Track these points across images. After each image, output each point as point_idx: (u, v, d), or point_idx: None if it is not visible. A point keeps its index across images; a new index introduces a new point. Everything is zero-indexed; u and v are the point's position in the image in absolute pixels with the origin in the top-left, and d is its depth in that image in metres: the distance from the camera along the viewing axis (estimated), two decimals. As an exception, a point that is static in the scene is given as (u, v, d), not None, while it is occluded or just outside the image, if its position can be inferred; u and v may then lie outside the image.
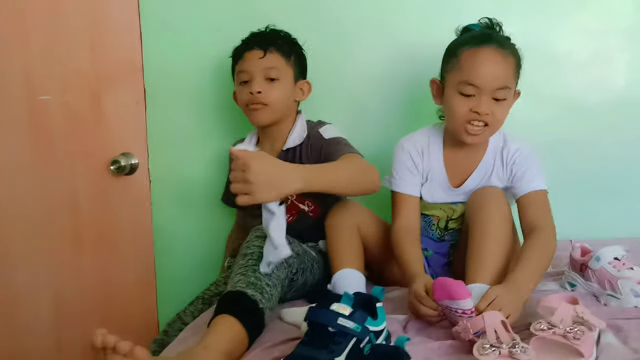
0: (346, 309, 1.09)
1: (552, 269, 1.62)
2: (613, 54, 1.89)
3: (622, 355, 1.10)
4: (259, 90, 1.60)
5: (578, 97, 1.89)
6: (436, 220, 1.58)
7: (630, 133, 1.90)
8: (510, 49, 1.47)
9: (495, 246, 1.34)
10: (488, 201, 1.41)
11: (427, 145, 1.58)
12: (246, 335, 1.18)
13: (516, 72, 1.48)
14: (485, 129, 1.46)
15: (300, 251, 1.47)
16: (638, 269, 1.38)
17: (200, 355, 1.09)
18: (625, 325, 1.22)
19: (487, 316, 1.10)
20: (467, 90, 1.44)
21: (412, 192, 1.57)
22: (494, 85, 1.43)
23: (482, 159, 1.55)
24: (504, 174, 1.53)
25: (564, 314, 1.13)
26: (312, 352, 1.03)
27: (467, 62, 1.45)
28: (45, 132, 1.85)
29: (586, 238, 1.60)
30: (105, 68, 1.85)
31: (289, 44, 1.68)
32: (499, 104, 1.44)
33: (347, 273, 1.47)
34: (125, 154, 1.88)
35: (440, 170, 1.57)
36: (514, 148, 1.53)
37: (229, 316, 1.18)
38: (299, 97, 1.69)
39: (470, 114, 1.45)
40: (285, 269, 1.35)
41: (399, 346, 0.89)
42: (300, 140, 1.64)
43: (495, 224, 1.36)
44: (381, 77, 1.87)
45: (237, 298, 1.21)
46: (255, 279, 1.25)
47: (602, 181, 1.90)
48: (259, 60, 1.62)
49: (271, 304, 1.26)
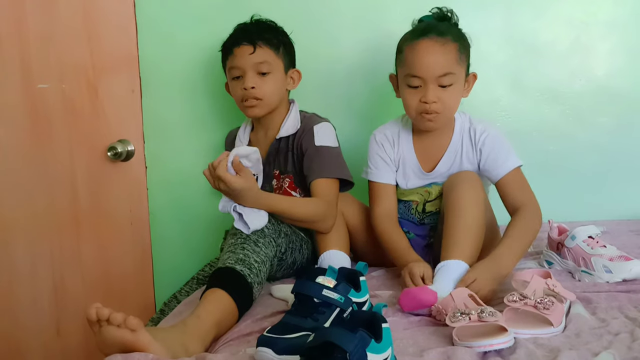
0: (330, 282, 1.16)
1: (532, 249, 1.69)
2: (594, 44, 1.95)
3: (590, 324, 1.16)
4: (252, 86, 1.63)
5: (560, 85, 1.95)
6: (415, 205, 1.65)
7: (610, 121, 1.96)
8: (451, 35, 1.51)
9: (467, 224, 1.40)
10: (460, 183, 1.48)
11: (397, 134, 1.65)
12: (235, 307, 1.25)
13: (460, 57, 1.52)
14: (438, 115, 1.52)
15: (289, 231, 1.54)
16: (611, 247, 1.45)
17: (192, 325, 1.16)
18: (595, 297, 1.29)
19: (454, 294, 1.18)
20: (413, 82, 1.51)
21: (388, 181, 1.64)
22: (436, 73, 1.48)
23: (450, 142, 1.61)
24: (474, 155, 1.58)
25: (535, 286, 1.20)
26: (297, 321, 1.10)
27: (408, 56, 1.52)
28: (43, 119, 1.91)
29: (565, 221, 1.66)
30: (101, 58, 1.91)
31: (277, 35, 1.70)
32: (447, 90, 1.50)
33: (333, 254, 1.55)
34: (121, 141, 1.94)
35: (411, 157, 1.63)
36: (481, 129, 1.58)
37: (219, 290, 1.25)
38: (290, 86, 1.74)
39: (420, 105, 1.51)
40: (273, 247, 1.43)
41: (375, 312, 0.95)
42: (293, 130, 1.68)
43: (467, 204, 1.43)
44: (366, 67, 1.92)
45: (226, 273, 1.29)
46: (243, 256, 1.33)
47: (582, 167, 1.97)
48: (250, 56, 1.64)
49: (259, 279, 1.33)
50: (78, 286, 1.96)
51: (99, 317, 1.02)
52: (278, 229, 1.47)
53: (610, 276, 1.39)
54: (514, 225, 1.45)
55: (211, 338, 1.18)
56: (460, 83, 1.54)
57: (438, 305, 1.20)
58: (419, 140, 1.64)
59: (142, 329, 1.03)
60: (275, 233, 1.45)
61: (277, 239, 1.45)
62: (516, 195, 1.51)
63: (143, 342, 1.02)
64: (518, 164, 1.55)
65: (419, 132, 1.64)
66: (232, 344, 1.17)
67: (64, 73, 1.90)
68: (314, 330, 0.94)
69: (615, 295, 1.30)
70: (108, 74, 1.92)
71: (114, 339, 1.02)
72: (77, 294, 1.96)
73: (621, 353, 1.02)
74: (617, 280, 1.38)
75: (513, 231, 1.43)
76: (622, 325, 1.15)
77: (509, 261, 1.38)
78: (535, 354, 1.03)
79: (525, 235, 1.44)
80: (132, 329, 1.02)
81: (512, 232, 1.43)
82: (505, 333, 1.05)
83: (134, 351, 1.00)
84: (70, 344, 1.96)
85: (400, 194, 1.66)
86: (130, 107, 1.95)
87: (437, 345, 1.08)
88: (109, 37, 1.91)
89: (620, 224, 1.88)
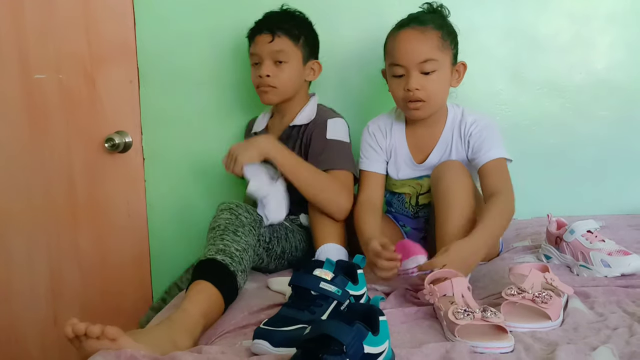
0: (328, 274, 1.16)
1: (530, 243, 1.69)
2: (595, 38, 1.94)
3: (587, 318, 1.16)
4: (267, 74, 1.67)
5: (560, 79, 1.94)
6: (408, 198, 1.65)
7: (610, 114, 1.95)
8: (433, 23, 1.52)
9: (457, 214, 1.39)
10: (447, 173, 1.47)
11: (390, 125, 1.66)
12: (221, 297, 1.26)
13: (443, 44, 1.51)
14: (424, 104, 1.52)
15: None
16: (609, 241, 1.45)
17: (178, 319, 1.16)
18: (593, 292, 1.29)
19: (455, 282, 1.16)
20: (396, 71, 1.53)
21: (377, 170, 1.64)
22: (416, 59, 1.49)
23: (441, 134, 1.61)
24: (462, 148, 1.58)
25: (534, 280, 1.19)
26: (294, 313, 1.09)
27: (391, 47, 1.55)
28: (40, 110, 1.90)
29: (564, 215, 1.66)
30: (99, 48, 1.90)
31: (299, 26, 1.72)
32: (430, 78, 1.50)
33: (330, 247, 1.54)
34: (119, 132, 1.93)
35: (403, 148, 1.64)
36: (470, 121, 1.58)
37: (202, 281, 1.26)
38: (310, 77, 1.76)
39: (405, 94, 1.52)
40: (254, 235, 1.43)
41: (373, 304, 0.95)
42: (307, 121, 1.71)
43: (455, 193, 1.42)
44: (365, 56, 1.90)
45: (208, 265, 1.30)
46: (223, 246, 1.34)
47: (581, 161, 1.96)
48: (268, 45, 1.68)
49: (242, 267, 1.33)
50: (75, 277, 1.96)
51: (76, 333, 1.01)
52: (258, 219, 1.47)
53: (608, 270, 1.38)
54: (487, 210, 1.40)
55: (200, 330, 1.18)
56: (445, 71, 1.53)
57: (434, 287, 1.18)
58: (411, 131, 1.65)
59: (122, 336, 1.02)
60: (254, 222, 1.44)
61: (257, 228, 1.45)
62: (493, 183, 1.48)
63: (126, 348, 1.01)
64: (503, 156, 1.53)
65: (412, 123, 1.64)
66: (229, 337, 1.17)
67: (61, 63, 1.88)
68: (311, 323, 0.94)
69: (613, 290, 1.30)
70: (106, 65, 1.91)
71: (94, 349, 1.01)
72: (74, 285, 1.96)
73: (619, 347, 1.01)
74: (616, 275, 1.37)
75: (486, 217, 1.37)
76: (621, 320, 1.14)
77: (480, 247, 1.33)
78: (533, 347, 1.02)
79: (497, 221, 1.39)
80: (112, 339, 1.01)
81: (485, 218, 1.37)
82: (505, 335, 1.05)
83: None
84: (67, 334, 1.96)
85: (392, 186, 1.66)
86: (128, 98, 1.94)
87: (434, 339, 1.08)
88: (107, 27, 1.90)
89: (619, 218, 1.88)
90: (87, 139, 1.92)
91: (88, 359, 0.97)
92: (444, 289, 1.16)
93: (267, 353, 1.02)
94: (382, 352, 0.88)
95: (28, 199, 1.92)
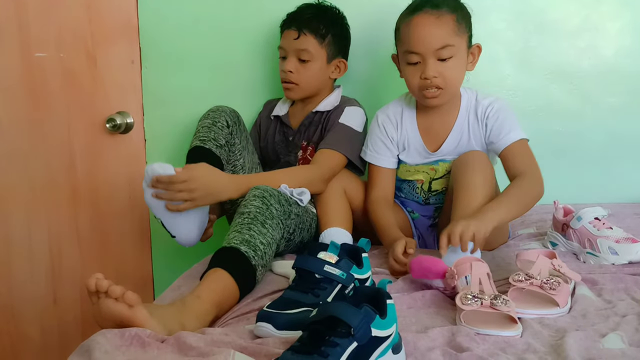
0: (332, 257, 1.14)
1: (536, 230, 1.67)
2: (604, 23, 1.91)
3: (595, 305, 1.15)
4: (290, 70, 1.69)
5: (568, 64, 1.91)
6: (420, 184, 1.62)
7: (618, 101, 1.92)
8: (446, 7, 1.47)
9: (477, 205, 1.36)
10: (471, 164, 1.44)
11: (400, 114, 1.62)
12: (237, 289, 1.22)
13: (459, 28, 1.47)
14: (441, 91, 1.49)
15: (300, 211, 1.50)
16: (617, 228, 1.43)
17: (192, 304, 1.13)
18: (601, 279, 1.27)
19: (474, 265, 1.14)
20: (412, 59, 1.48)
21: (387, 165, 1.62)
22: (432, 46, 1.45)
23: (455, 120, 1.57)
24: (480, 131, 1.55)
25: (541, 266, 1.18)
26: (298, 296, 1.08)
27: (404, 33, 1.50)
28: (41, 89, 1.87)
29: (570, 202, 1.64)
30: (100, 27, 1.87)
31: (328, 24, 1.70)
32: (447, 64, 1.46)
33: (335, 231, 1.52)
34: (120, 113, 1.90)
35: (416, 137, 1.60)
36: (486, 104, 1.55)
37: (221, 270, 1.22)
38: (334, 74, 1.76)
39: (422, 82, 1.48)
40: (281, 229, 1.38)
41: (380, 287, 0.93)
42: (330, 107, 1.73)
43: (478, 185, 1.39)
44: (370, 40, 1.88)
45: (230, 254, 1.25)
46: (249, 237, 1.28)
47: (588, 148, 1.94)
48: (294, 41, 1.69)
49: (264, 261, 1.29)
50: (75, 258, 1.94)
51: (98, 289, 1.00)
52: (288, 211, 1.42)
53: (616, 258, 1.37)
54: (512, 186, 1.40)
55: (210, 319, 1.15)
56: (462, 55, 1.49)
57: (453, 268, 1.17)
58: (423, 119, 1.61)
59: (139, 304, 1.01)
60: (284, 215, 1.39)
61: (285, 221, 1.40)
62: (518, 165, 1.46)
63: (139, 318, 1.00)
64: (522, 137, 1.51)
65: (423, 110, 1.60)
66: (231, 322, 1.16)
67: (62, 41, 1.85)
68: (315, 306, 0.92)
69: (621, 277, 1.28)
70: (107, 44, 1.88)
71: (111, 312, 1.00)
72: (74, 266, 1.94)
73: (629, 335, 1.00)
74: (623, 263, 1.36)
75: (507, 191, 1.38)
76: (629, 307, 1.13)
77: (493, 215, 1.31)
78: (542, 334, 1.01)
79: (520, 198, 1.38)
80: (130, 304, 1.00)
81: (507, 191, 1.38)
82: (514, 325, 1.03)
83: (130, 326, 0.98)
84: (66, 313, 1.95)
85: (405, 173, 1.63)
86: (130, 78, 1.91)
87: (441, 324, 1.06)
88: (109, 6, 1.87)
89: (626, 206, 1.86)
90: (88, 119, 1.90)
91: (91, 336, 0.96)
92: (463, 271, 1.14)
93: (271, 336, 1.01)
94: (390, 335, 0.86)
95: (28, 179, 1.90)
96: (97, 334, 0.96)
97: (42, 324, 1.95)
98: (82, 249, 1.94)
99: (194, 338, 0.97)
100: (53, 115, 1.88)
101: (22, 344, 1.94)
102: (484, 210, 1.32)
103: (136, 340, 0.95)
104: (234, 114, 1.67)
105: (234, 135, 1.64)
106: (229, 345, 0.94)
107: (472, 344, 0.97)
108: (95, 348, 0.91)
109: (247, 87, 1.93)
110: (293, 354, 0.81)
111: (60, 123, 1.89)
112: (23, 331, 1.94)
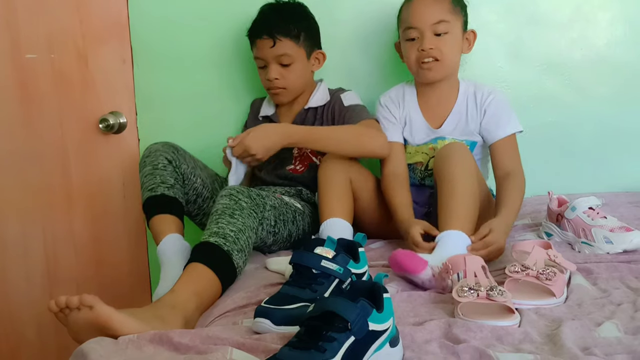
0: (329, 252, 1.14)
1: (530, 221, 1.68)
2: (595, 14, 1.92)
3: (591, 294, 1.16)
4: (275, 77, 1.69)
5: (560, 56, 1.92)
6: (420, 166, 1.67)
7: (610, 92, 1.93)
8: None
9: (462, 195, 1.40)
10: (451, 155, 1.48)
11: (402, 95, 1.72)
12: (214, 276, 1.25)
13: (454, 8, 1.61)
14: (437, 63, 1.59)
15: (277, 204, 1.52)
16: (611, 217, 1.44)
17: (166, 299, 1.17)
18: (596, 268, 1.28)
19: (468, 259, 1.15)
20: (410, 34, 1.61)
21: (395, 139, 1.68)
22: (429, 20, 1.58)
23: (455, 101, 1.67)
24: (477, 116, 1.64)
25: (537, 257, 1.18)
26: (295, 292, 1.08)
27: (405, 13, 1.64)
28: (32, 91, 1.86)
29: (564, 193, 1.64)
30: (91, 27, 1.86)
31: (296, 22, 1.70)
32: (443, 39, 1.58)
33: (335, 222, 1.51)
34: (113, 113, 1.89)
35: (417, 114, 1.69)
36: (487, 91, 1.65)
37: (194, 263, 1.27)
38: (315, 67, 1.77)
39: (419, 54, 1.60)
40: (255, 218, 1.40)
41: (376, 282, 0.93)
42: (322, 103, 1.74)
43: (459, 175, 1.43)
44: (367, 37, 1.88)
45: (200, 248, 1.31)
46: (217, 228, 1.33)
47: (581, 139, 1.94)
48: (270, 49, 1.68)
49: (238, 246, 1.32)
50: (71, 260, 1.94)
51: (59, 306, 1.04)
52: (262, 203, 1.45)
53: (610, 247, 1.38)
54: (509, 189, 1.52)
55: (192, 307, 1.18)
56: (457, 33, 1.61)
57: (448, 263, 1.17)
58: (423, 98, 1.70)
59: (98, 302, 1.04)
60: (256, 207, 1.42)
61: (260, 212, 1.43)
62: (507, 162, 1.58)
63: (102, 316, 1.02)
64: (518, 130, 1.63)
65: (423, 91, 1.69)
66: (229, 316, 1.16)
67: (53, 42, 1.84)
68: (312, 302, 0.92)
69: (616, 266, 1.29)
70: (98, 44, 1.87)
71: (78, 321, 1.04)
72: (69, 268, 1.93)
73: (624, 323, 1.01)
74: (618, 251, 1.37)
75: (509, 197, 1.51)
76: (624, 296, 1.14)
77: (509, 225, 1.45)
78: (538, 324, 1.02)
79: (518, 199, 1.52)
80: (89, 306, 1.03)
81: (508, 198, 1.51)
82: (511, 315, 1.03)
83: (102, 328, 1.01)
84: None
85: (406, 155, 1.68)
86: (122, 77, 1.90)
87: (438, 317, 1.07)
88: (99, 5, 1.86)
89: (619, 195, 1.87)
90: (81, 120, 1.89)
91: (83, 343, 0.97)
92: (457, 267, 1.14)
93: (269, 331, 1.01)
94: (387, 329, 0.86)
95: (22, 181, 1.89)
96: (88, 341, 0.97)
97: (38, 327, 1.94)
98: (77, 250, 1.94)
99: (191, 336, 0.97)
100: (45, 116, 1.87)
101: (19, 347, 1.94)
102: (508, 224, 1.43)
103: (132, 344, 0.96)
104: (167, 146, 1.63)
105: (179, 166, 1.61)
106: (226, 342, 0.95)
107: (469, 334, 0.97)
108: (90, 351, 0.92)
109: (240, 86, 1.93)
110: (291, 350, 0.81)
111: (52, 124, 1.88)
112: (20, 334, 1.94)
